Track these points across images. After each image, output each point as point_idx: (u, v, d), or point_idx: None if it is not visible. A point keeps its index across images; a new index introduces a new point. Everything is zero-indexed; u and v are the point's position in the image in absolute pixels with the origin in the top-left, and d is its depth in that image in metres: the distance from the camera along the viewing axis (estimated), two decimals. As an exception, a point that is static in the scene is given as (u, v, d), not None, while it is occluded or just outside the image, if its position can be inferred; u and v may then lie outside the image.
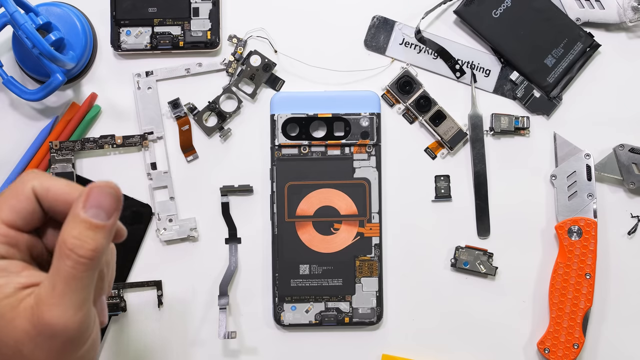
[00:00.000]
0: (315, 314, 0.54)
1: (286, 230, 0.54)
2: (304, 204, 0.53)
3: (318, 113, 0.54)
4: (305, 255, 0.54)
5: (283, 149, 0.53)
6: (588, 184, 0.60)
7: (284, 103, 0.54)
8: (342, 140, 0.55)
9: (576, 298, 0.59)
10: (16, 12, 0.52)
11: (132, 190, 0.60)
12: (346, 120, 0.55)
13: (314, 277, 0.54)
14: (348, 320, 0.55)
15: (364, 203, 0.55)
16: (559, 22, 0.61)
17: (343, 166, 0.55)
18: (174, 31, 0.60)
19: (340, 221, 0.54)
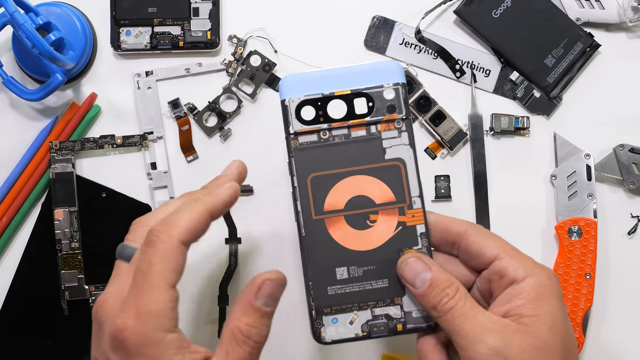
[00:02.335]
0: (362, 325, 0.45)
1: (315, 230, 0.45)
2: (332, 197, 0.46)
3: (335, 91, 0.46)
4: (341, 256, 0.46)
5: (300, 137, 0.45)
6: (588, 184, 0.60)
7: (294, 86, 0.46)
8: (367, 117, 0.46)
9: (576, 298, 0.59)
10: (16, 12, 0.52)
11: (132, 190, 0.60)
12: (368, 95, 0.47)
13: (354, 281, 0.45)
14: (401, 327, 0.45)
15: (401, 187, 0.46)
16: (559, 22, 0.61)
17: (371, 148, 0.47)
18: (173, 31, 0.60)
19: (376, 212, 0.46)
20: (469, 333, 0.38)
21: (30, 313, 0.59)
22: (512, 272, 0.39)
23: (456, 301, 0.39)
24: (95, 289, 0.59)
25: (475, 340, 0.37)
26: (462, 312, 0.38)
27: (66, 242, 0.59)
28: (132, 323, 0.36)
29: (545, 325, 0.37)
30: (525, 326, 0.37)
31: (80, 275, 0.59)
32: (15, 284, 0.60)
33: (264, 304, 0.38)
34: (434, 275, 0.40)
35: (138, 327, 0.35)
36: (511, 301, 0.39)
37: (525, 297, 0.38)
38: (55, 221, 0.59)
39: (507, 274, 0.40)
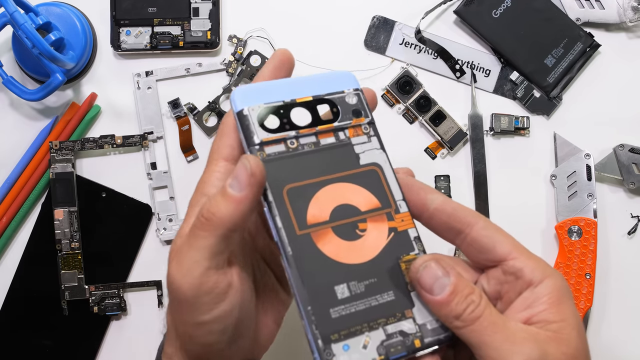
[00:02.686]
0: (377, 347, 0.39)
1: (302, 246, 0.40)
2: (314, 208, 0.41)
3: (296, 98, 0.43)
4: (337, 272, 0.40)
5: (266, 148, 0.41)
6: (588, 184, 0.60)
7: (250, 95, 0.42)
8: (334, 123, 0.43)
9: (576, 298, 0.59)
10: (16, 12, 0.52)
11: (132, 190, 0.60)
12: (331, 101, 0.44)
13: (358, 298, 0.40)
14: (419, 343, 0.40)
15: (383, 192, 0.43)
16: (559, 22, 0.61)
17: (344, 154, 0.43)
18: (173, 31, 0.60)
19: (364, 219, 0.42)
20: (502, 344, 0.34)
21: (30, 313, 0.59)
22: (529, 273, 0.36)
23: (483, 309, 0.35)
24: (95, 289, 0.59)
25: (510, 352, 0.34)
26: (491, 320, 0.35)
27: (66, 242, 0.59)
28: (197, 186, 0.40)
29: (574, 330, 0.35)
30: (555, 333, 0.35)
31: (80, 275, 0.59)
32: (15, 284, 0.60)
33: (229, 184, 0.36)
34: (455, 281, 0.36)
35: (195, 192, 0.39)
36: (531, 306, 0.36)
37: (548, 300, 0.35)
38: (55, 221, 0.59)
39: (523, 275, 0.36)
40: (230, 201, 0.35)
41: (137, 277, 0.60)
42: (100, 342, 0.60)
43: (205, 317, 0.37)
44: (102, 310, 0.59)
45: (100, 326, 0.60)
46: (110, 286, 0.59)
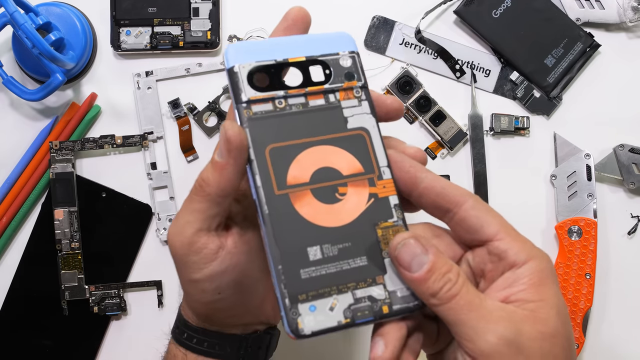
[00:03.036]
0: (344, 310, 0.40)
1: (280, 206, 0.40)
2: (295, 169, 0.41)
3: (288, 58, 0.42)
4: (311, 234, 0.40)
5: (253, 106, 0.40)
6: (588, 184, 0.60)
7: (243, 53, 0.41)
8: (325, 85, 0.43)
9: (576, 298, 0.59)
10: (16, 12, 0.52)
11: (132, 190, 0.60)
12: (324, 63, 0.43)
13: (329, 261, 0.40)
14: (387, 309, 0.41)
15: (368, 158, 0.43)
16: (559, 22, 0.61)
17: (332, 117, 0.43)
18: (173, 31, 0.60)
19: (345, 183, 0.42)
20: (477, 322, 0.35)
21: (30, 313, 0.59)
22: (512, 255, 0.36)
23: (460, 287, 0.35)
24: (95, 289, 0.59)
25: (485, 330, 0.34)
26: (467, 299, 0.35)
27: (66, 242, 0.59)
28: None
29: (552, 310, 0.35)
30: (532, 312, 0.35)
31: (80, 275, 0.59)
32: (16, 284, 0.60)
33: (217, 154, 0.38)
34: (433, 259, 0.36)
35: None
36: (511, 286, 0.36)
37: (528, 281, 0.36)
38: (55, 221, 0.59)
39: (507, 256, 0.36)
40: (216, 168, 0.38)
41: (137, 277, 0.60)
42: (100, 342, 0.60)
43: (195, 275, 0.39)
44: (102, 310, 0.59)
45: (100, 326, 0.60)
46: (110, 286, 0.59)
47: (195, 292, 0.41)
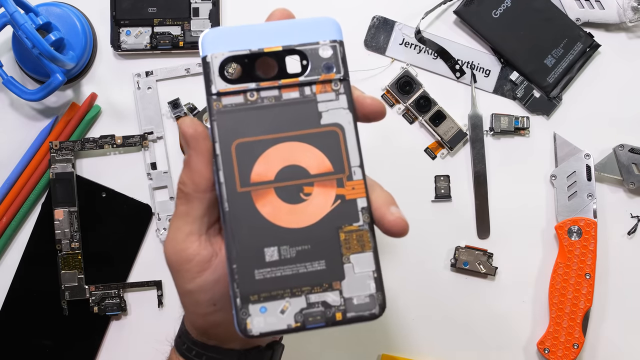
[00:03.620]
0: (295, 314, 0.39)
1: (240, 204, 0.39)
2: (260, 166, 0.40)
3: (264, 47, 0.41)
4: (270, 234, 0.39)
5: (223, 99, 0.39)
6: (588, 184, 0.60)
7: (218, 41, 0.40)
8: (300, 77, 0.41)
9: (576, 298, 0.59)
10: (16, 12, 0.52)
11: (132, 191, 0.60)
12: (302, 53, 0.41)
13: (286, 263, 0.39)
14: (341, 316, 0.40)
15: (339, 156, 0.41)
16: (559, 22, 0.61)
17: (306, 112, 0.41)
18: (173, 31, 0.60)
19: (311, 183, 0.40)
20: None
21: (30, 313, 0.59)
22: None
23: None
24: (95, 289, 0.59)
25: None
26: None
27: (66, 242, 0.59)
28: None
29: None
30: None
31: (80, 275, 0.59)
32: (16, 284, 0.60)
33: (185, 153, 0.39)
34: None
35: None
36: None
37: None
38: (55, 221, 0.59)
39: None
40: (185, 165, 0.38)
41: (137, 277, 0.60)
42: (100, 342, 0.60)
43: (189, 285, 0.39)
44: (102, 310, 0.59)
45: (100, 326, 0.60)
46: (110, 286, 0.59)
47: (190, 304, 0.40)
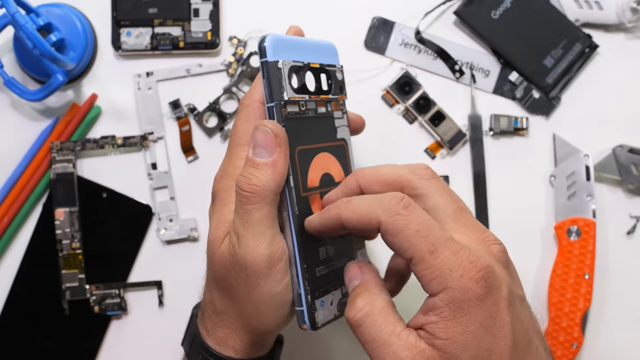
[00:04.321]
0: (337, 304, 0.43)
1: (303, 207, 0.41)
2: (312, 172, 0.42)
3: (310, 62, 0.43)
4: None
5: (288, 106, 0.40)
6: (587, 184, 0.60)
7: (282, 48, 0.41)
8: (329, 95, 0.44)
9: (575, 298, 0.59)
10: (17, 13, 0.52)
11: (132, 191, 0.61)
12: (328, 72, 0.44)
13: (330, 260, 0.43)
14: None
15: (346, 167, 0.45)
16: (558, 23, 0.61)
17: (329, 126, 0.44)
18: (174, 32, 0.60)
19: None
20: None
21: (31, 313, 0.59)
22: (425, 284, 0.34)
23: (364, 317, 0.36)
24: (96, 289, 0.59)
25: None
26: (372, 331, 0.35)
27: (67, 242, 0.59)
28: (218, 175, 0.43)
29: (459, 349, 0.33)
30: (439, 351, 0.34)
31: (81, 275, 0.59)
32: (17, 284, 0.60)
33: (256, 154, 0.38)
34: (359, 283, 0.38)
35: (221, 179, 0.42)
36: (428, 314, 0.35)
37: (440, 314, 0.34)
38: (56, 221, 0.59)
39: (422, 284, 0.35)
40: (265, 168, 0.38)
41: (138, 277, 0.60)
42: (100, 342, 0.60)
43: (277, 287, 0.39)
44: (103, 310, 0.59)
45: (101, 326, 0.60)
46: (110, 286, 0.59)
47: (275, 308, 0.40)
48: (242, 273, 0.39)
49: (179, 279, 0.60)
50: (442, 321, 0.33)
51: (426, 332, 0.34)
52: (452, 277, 0.33)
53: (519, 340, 0.35)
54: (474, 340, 0.33)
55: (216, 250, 0.40)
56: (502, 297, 0.34)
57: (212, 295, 0.43)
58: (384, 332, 0.35)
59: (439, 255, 0.34)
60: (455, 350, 0.33)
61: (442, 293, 0.33)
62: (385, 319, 0.35)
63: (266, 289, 0.39)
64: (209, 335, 0.43)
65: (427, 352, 0.34)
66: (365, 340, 0.35)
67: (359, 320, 0.36)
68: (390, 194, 0.36)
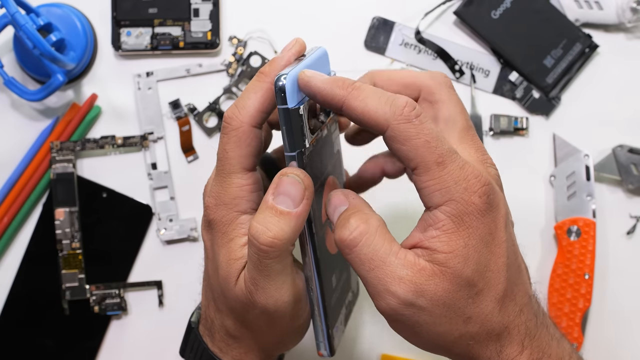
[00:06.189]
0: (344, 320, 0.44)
1: (320, 243, 0.39)
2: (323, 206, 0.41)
3: None
4: (331, 262, 0.41)
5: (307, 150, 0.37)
6: (587, 184, 0.60)
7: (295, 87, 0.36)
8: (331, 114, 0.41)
9: (575, 298, 0.59)
10: (17, 13, 0.52)
11: (132, 191, 0.61)
12: None
13: (338, 283, 0.42)
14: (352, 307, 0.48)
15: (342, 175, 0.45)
16: (558, 23, 0.61)
17: (330, 144, 0.42)
18: (174, 32, 0.60)
19: None
20: (378, 283, 0.33)
21: (31, 313, 0.60)
22: (427, 195, 0.33)
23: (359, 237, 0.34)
24: (96, 289, 0.59)
25: (384, 292, 0.33)
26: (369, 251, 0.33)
27: (67, 242, 0.59)
28: (213, 204, 0.38)
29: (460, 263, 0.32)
30: (440, 267, 0.33)
31: (80, 275, 0.59)
32: (17, 284, 0.60)
33: (280, 202, 0.35)
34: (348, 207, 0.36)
35: (217, 208, 0.38)
36: (426, 230, 0.33)
37: (442, 227, 0.33)
38: (56, 221, 0.59)
39: (422, 195, 0.33)
40: (289, 218, 0.35)
41: (138, 277, 0.60)
42: (100, 342, 0.60)
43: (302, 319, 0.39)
44: (103, 310, 0.59)
45: (101, 326, 0.60)
46: (110, 286, 0.59)
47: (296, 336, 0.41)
48: (263, 316, 0.38)
49: (179, 279, 0.60)
50: (444, 234, 0.33)
51: (425, 249, 0.33)
52: (456, 190, 0.32)
53: (512, 261, 0.35)
54: (475, 255, 0.33)
55: (232, 289, 0.38)
56: (501, 215, 0.34)
57: (224, 320, 0.41)
58: (382, 251, 0.34)
59: (445, 167, 0.33)
60: (458, 264, 0.32)
61: (444, 205, 0.33)
62: (381, 238, 0.34)
63: (290, 325, 0.39)
64: (224, 354, 0.42)
65: (428, 269, 0.33)
66: (360, 261, 0.34)
67: (354, 240, 0.34)
68: (404, 98, 0.33)
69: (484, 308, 0.33)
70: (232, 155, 0.38)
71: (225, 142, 0.38)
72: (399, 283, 0.33)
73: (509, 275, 0.34)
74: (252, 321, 0.39)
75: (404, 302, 0.33)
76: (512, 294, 0.35)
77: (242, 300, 0.38)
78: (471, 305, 0.33)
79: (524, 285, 0.36)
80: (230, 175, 0.38)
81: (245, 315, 0.39)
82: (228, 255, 0.38)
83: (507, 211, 0.35)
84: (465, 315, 0.33)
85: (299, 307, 0.38)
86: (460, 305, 0.33)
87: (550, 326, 0.37)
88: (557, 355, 0.35)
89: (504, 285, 0.34)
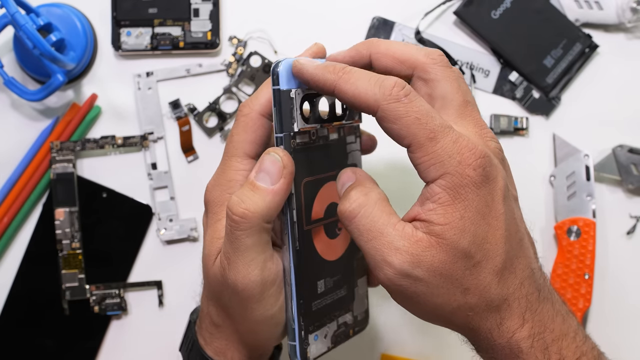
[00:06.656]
0: (331, 337, 0.42)
1: (305, 242, 0.40)
2: (317, 204, 0.41)
3: None
4: (320, 267, 0.41)
5: (297, 137, 0.38)
6: (587, 184, 0.60)
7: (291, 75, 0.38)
8: (343, 120, 0.42)
9: (575, 298, 0.59)
10: (17, 12, 0.52)
11: (132, 191, 0.61)
12: None
13: (328, 293, 0.42)
14: (352, 332, 0.44)
15: None
16: (558, 23, 0.61)
17: (340, 152, 0.42)
18: (174, 32, 0.60)
19: None
20: (375, 253, 0.34)
21: (31, 313, 0.60)
22: (423, 171, 0.34)
23: (358, 207, 0.35)
24: (96, 289, 0.59)
25: (382, 263, 0.34)
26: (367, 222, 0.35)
27: (67, 242, 0.59)
28: (211, 185, 0.41)
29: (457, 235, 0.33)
30: (437, 238, 0.33)
31: (80, 275, 0.59)
32: (17, 284, 0.60)
33: (259, 178, 0.37)
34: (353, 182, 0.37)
35: (213, 189, 0.41)
36: (424, 203, 0.34)
37: (438, 200, 0.33)
38: (56, 221, 0.59)
39: (419, 171, 0.34)
40: (264, 194, 0.36)
41: (138, 277, 0.60)
42: (100, 342, 0.60)
43: (272, 309, 0.39)
44: (103, 310, 0.59)
45: (101, 326, 0.60)
46: (110, 286, 0.59)
47: (270, 328, 0.40)
48: (234, 296, 0.38)
49: (179, 279, 0.60)
50: (440, 207, 0.33)
51: (422, 221, 0.34)
52: (450, 163, 0.33)
53: (512, 234, 0.35)
54: (471, 227, 0.33)
55: (210, 267, 0.40)
56: (498, 188, 0.34)
57: (209, 307, 0.42)
58: (380, 222, 0.35)
59: (437, 142, 0.33)
60: (454, 236, 0.33)
61: (440, 179, 0.33)
62: (380, 210, 0.35)
63: (260, 311, 0.39)
64: (207, 345, 0.43)
65: (425, 241, 0.34)
66: (359, 231, 0.35)
67: (353, 212, 0.35)
68: (393, 79, 0.34)
69: (482, 279, 0.34)
70: (236, 139, 0.40)
71: (234, 126, 0.41)
72: (395, 254, 0.34)
73: (508, 248, 0.35)
74: (226, 304, 0.40)
75: (401, 273, 0.33)
76: (512, 267, 0.35)
77: (218, 279, 0.39)
78: (469, 276, 0.34)
79: (527, 258, 0.36)
80: (231, 158, 0.40)
81: (221, 298, 0.40)
82: (212, 235, 0.40)
83: (505, 184, 0.35)
84: (463, 286, 0.34)
85: (269, 292, 0.38)
86: (458, 277, 0.34)
87: (556, 302, 0.37)
88: (561, 330, 0.35)
89: (503, 257, 0.34)
